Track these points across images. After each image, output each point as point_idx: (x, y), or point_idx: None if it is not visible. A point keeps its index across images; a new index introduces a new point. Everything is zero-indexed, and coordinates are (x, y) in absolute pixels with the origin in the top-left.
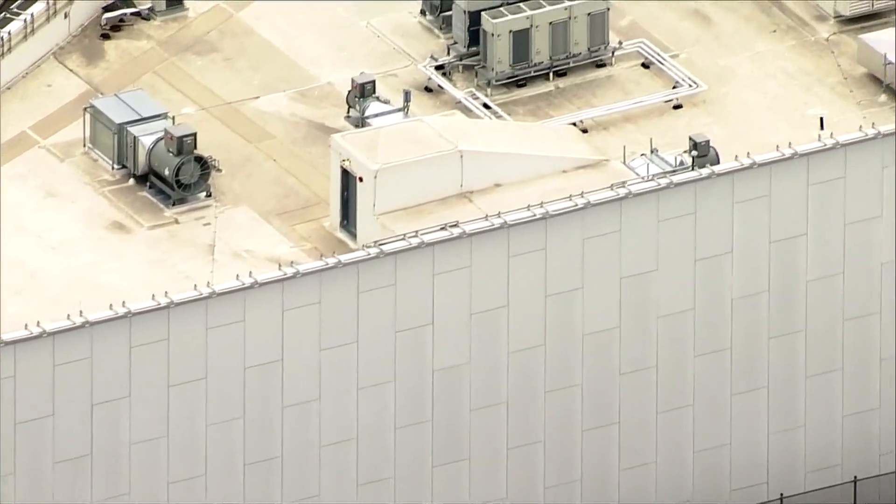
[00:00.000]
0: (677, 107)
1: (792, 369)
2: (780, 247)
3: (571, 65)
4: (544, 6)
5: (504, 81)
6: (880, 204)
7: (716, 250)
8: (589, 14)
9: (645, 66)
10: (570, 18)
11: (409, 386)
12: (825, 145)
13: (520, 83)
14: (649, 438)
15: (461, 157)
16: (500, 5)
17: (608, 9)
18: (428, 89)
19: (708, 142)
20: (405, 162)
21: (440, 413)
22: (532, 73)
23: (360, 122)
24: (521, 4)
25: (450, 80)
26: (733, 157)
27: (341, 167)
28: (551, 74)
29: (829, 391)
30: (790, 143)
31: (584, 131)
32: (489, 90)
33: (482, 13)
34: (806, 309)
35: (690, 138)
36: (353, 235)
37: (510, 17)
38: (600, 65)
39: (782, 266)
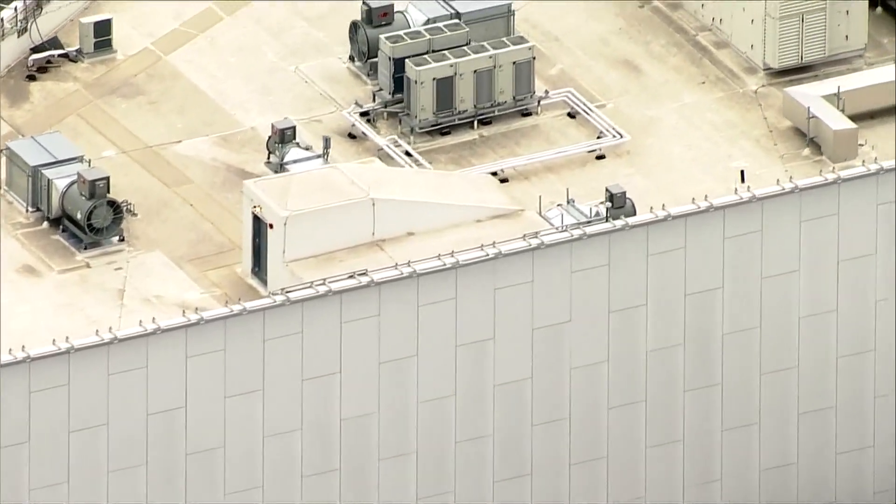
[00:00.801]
0: (600, 157)
1: (708, 422)
2: (696, 300)
3: (496, 113)
4: (469, 54)
5: (428, 129)
6: (797, 258)
7: (630, 302)
8: (514, 63)
9: (571, 115)
10: (495, 67)
11: (316, 435)
12: (741, 198)
13: (444, 131)
14: (562, 491)
15: (373, 204)
16: (426, 52)
17: (533, 58)
18: (351, 136)
19: (624, 193)
20: (315, 209)
21: (347, 463)
22: (456, 121)
23: (279, 168)
24: (445, 52)
25: (374, 126)
26: (655, 208)
27: (253, 213)
28: (476, 123)
29: (745, 445)
30: (706, 196)
31: (505, 180)
32: (412, 137)
33: (406, 60)
34: (722, 362)
35: (607, 189)
36: (265, 282)
37: (434, 64)
38: (526, 114)
39: (698, 319)
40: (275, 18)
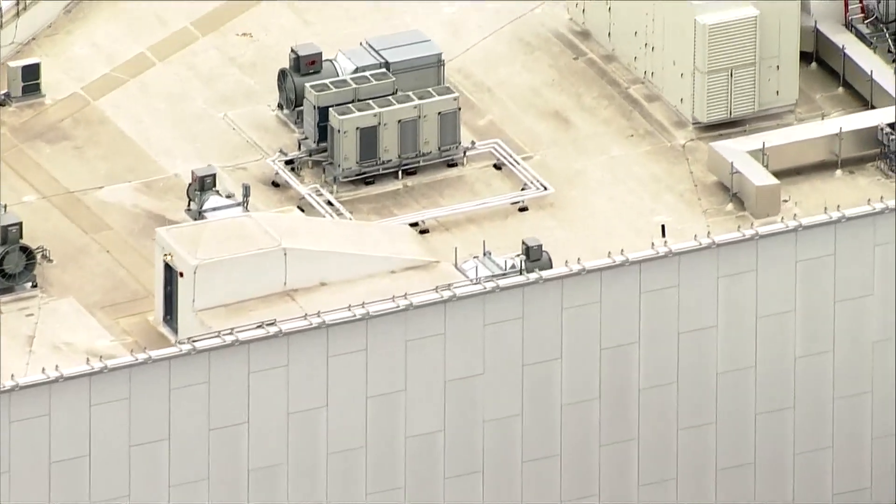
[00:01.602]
0: (523, 209)
1: (624, 478)
2: (611, 353)
3: (421, 163)
4: (393, 104)
5: (352, 178)
6: (715, 314)
7: (544, 356)
8: (439, 113)
9: (497, 167)
10: (419, 117)
11: (223, 486)
12: (657, 253)
13: (368, 181)
14: None
15: (285, 254)
16: (351, 101)
17: (459, 108)
18: (275, 184)
19: (540, 246)
20: (226, 258)
21: None
22: (380, 171)
23: (199, 216)
24: (370, 101)
25: (299, 175)
26: (574, 261)
27: (164, 261)
28: (400, 173)
29: (662, 500)
30: (622, 250)
31: (426, 231)
32: (335, 187)
33: (330, 109)
34: (639, 416)
35: (523, 242)
36: (175, 331)
37: (358, 113)
38: (451, 164)
39: (614, 373)
40: (207, 65)
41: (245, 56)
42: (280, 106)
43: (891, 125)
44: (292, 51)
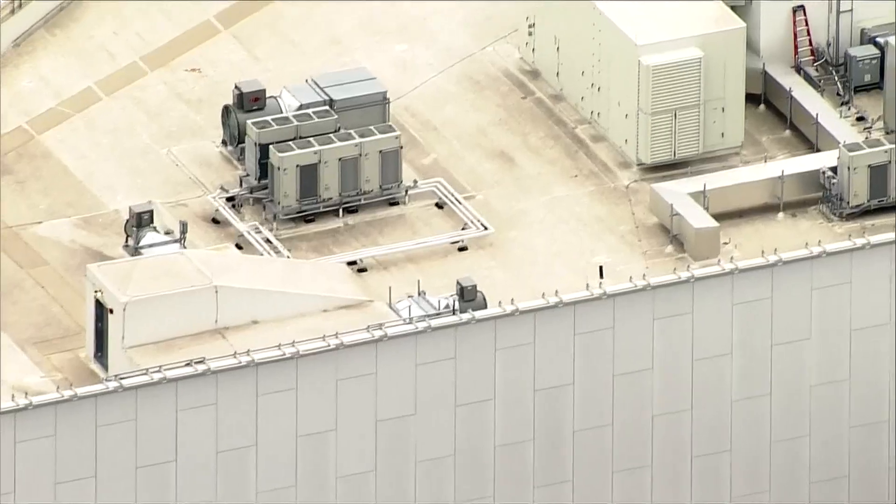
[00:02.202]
0: (463, 249)
1: None
2: (546, 395)
3: (363, 202)
4: (334, 142)
5: (292, 216)
6: (650, 356)
7: (477, 396)
8: (381, 151)
9: (439, 206)
10: (360, 155)
11: None
12: (592, 294)
13: (308, 218)
14: None
15: (216, 292)
16: (293, 139)
17: (401, 147)
18: (215, 221)
19: (475, 286)
20: (156, 295)
21: None
22: (321, 209)
23: (135, 252)
24: (311, 139)
25: (239, 212)
26: (509, 301)
27: (95, 298)
28: (341, 211)
29: None
30: (556, 291)
31: (364, 270)
32: (275, 224)
33: (270, 146)
34: (573, 458)
35: (457, 282)
36: (106, 368)
37: (298, 151)
38: (393, 203)
39: (548, 414)
40: (154, 100)
41: (193, 92)
42: (224, 142)
43: (833, 169)
44: (236, 87)
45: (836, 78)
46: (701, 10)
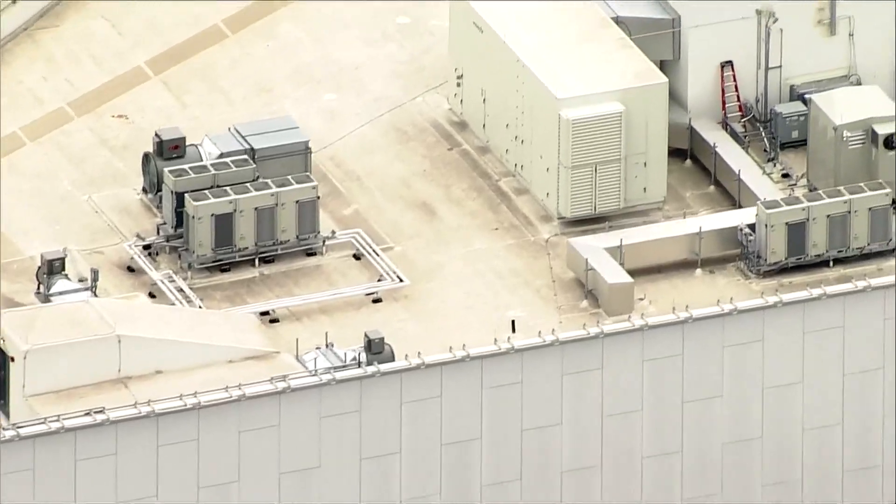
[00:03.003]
0: (377, 301)
1: None
2: (453, 449)
3: (279, 252)
4: (251, 191)
5: (207, 265)
6: (559, 411)
7: (383, 450)
8: (297, 202)
9: (356, 257)
10: (277, 205)
11: None
12: (499, 349)
13: (223, 268)
14: None
15: (119, 341)
16: (210, 187)
17: (318, 197)
18: (130, 269)
19: (382, 339)
20: (58, 344)
21: None
22: (237, 258)
23: (46, 300)
24: (227, 188)
25: (155, 260)
26: (416, 354)
27: None
28: (257, 260)
29: None
30: (464, 345)
31: (276, 320)
32: (190, 273)
33: (186, 195)
34: None
35: (365, 335)
36: (7, 416)
37: (213, 200)
38: (311, 253)
39: (454, 469)
40: (78, 146)
41: (118, 138)
42: (144, 190)
43: (751, 226)
44: (156, 135)
45: (764, 134)
46: (624, 64)
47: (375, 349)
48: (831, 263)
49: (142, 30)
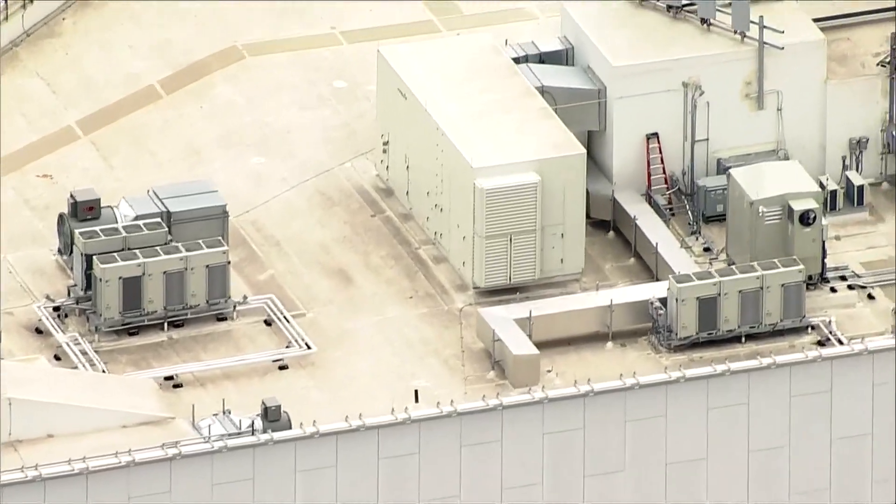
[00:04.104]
0: (283, 367)
1: None
2: None
3: (189, 316)
4: (160, 255)
5: (116, 328)
6: (457, 483)
7: None
8: (207, 266)
9: (267, 323)
10: (186, 269)
11: None
12: (396, 419)
13: (131, 331)
14: None
15: (9, 404)
16: (120, 250)
17: (229, 262)
18: (38, 331)
19: (279, 406)
20: None
21: None
22: (146, 322)
23: None
24: (136, 251)
25: (64, 322)
26: (311, 423)
27: None
28: (166, 324)
29: None
30: (360, 415)
31: (179, 385)
32: (97, 336)
33: (94, 257)
34: None
35: (262, 402)
36: None
37: (120, 263)
38: (221, 318)
39: None
40: (2, 206)
41: (40, 198)
42: (60, 251)
43: (662, 300)
44: (71, 196)
45: (689, 207)
46: (543, 134)
47: (272, 417)
48: (743, 339)
49: (76, 89)
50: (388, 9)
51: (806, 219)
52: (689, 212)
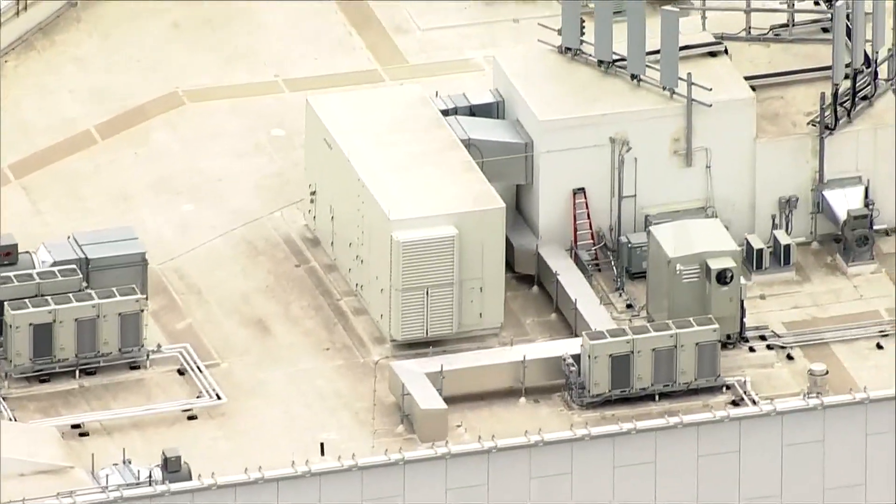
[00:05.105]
0: (192, 417)
1: None
2: None
3: (102, 364)
4: (72, 302)
5: (27, 375)
6: None
7: None
8: (120, 314)
9: (180, 372)
10: (99, 316)
11: None
12: (296, 472)
13: (42, 378)
14: None
15: None
16: (34, 296)
17: (141, 310)
18: None
19: (179, 457)
20: None
21: None
22: (57, 369)
23: None
24: (48, 298)
25: None
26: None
27: None
28: (77, 372)
29: None
30: (259, 467)
31: (85, 434)
32: (7, 383)
33: (5, 303)
34: None
35: (163, 453)
36: None
37: (31, 309)
38: (134, 366)
39: None
40: None
41: None
42: None
43: (575, 356)
44: None
45: (613, 263)
46: (464, 187)
47: (171, 468)
48: (657, 398)
49: (12, 132)
50: (335, 58)
51: (723, 278)
52: (614, 268)
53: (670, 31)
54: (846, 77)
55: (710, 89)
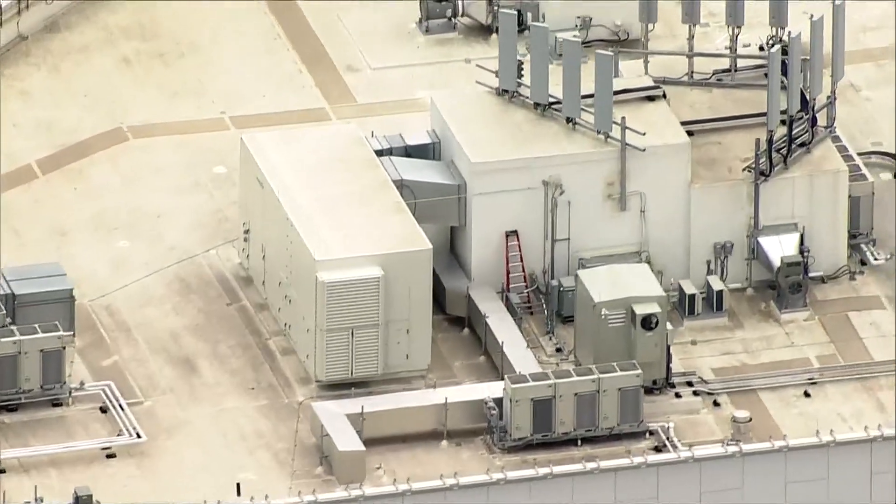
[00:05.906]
0: (111, 456)
1: None
2: None
3: (23, 400)
4: None
5: None
6: None
7: None
8: (42, 350)
9: (103, 410)
10: (20, 353)
11: None
12: None
13: None
14: None
15: None
16: None
17: (63, 347)
18: None
19: (90, 496)
20: None
21: None
22: None
23: None
24: None
25: None
26: None
27: None
28: None
29: None
30: None
31: (2, 472)
32: None
33: None
34: None
35: (74, 491)
36: None
37: None
38: (56, 404)
39: None
40: None
41: None
42: None
43: (497, 400)
44: None
45: (545, 306)
46: (391, 229)
47: None
48: (580, 442)
49: None
50: (282, 95)
51: (648, 323)
52: (545, 311)
53: (604, 74)
54: (783, 123)
55: (644, 133)
